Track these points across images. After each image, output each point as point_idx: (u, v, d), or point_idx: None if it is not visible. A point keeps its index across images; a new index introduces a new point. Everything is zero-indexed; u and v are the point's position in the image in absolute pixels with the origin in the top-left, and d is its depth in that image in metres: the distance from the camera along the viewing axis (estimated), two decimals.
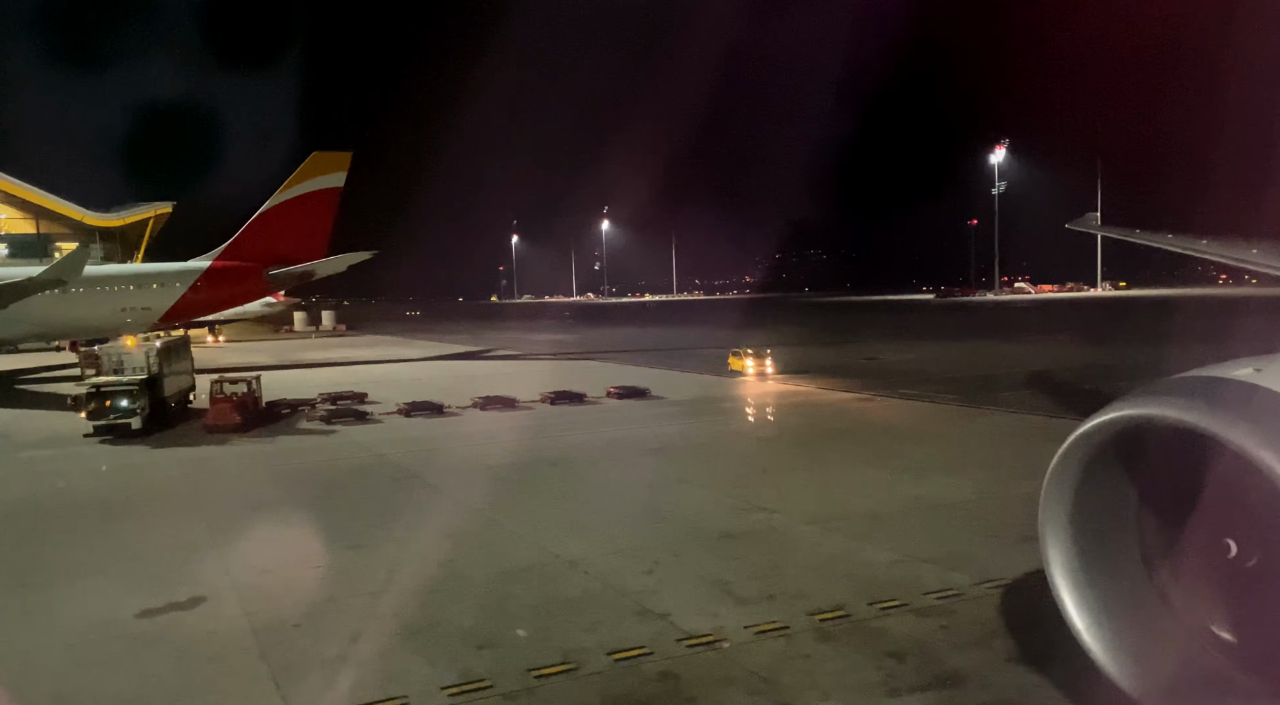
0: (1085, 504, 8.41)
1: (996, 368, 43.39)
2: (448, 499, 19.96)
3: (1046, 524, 8.55)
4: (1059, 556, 8.53)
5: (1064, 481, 8.40)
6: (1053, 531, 8.53)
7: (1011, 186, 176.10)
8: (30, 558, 16.03)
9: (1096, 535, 8.48)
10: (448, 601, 13.12)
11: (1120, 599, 8.40)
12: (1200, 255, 27.66)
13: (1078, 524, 8.46)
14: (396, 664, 10.98)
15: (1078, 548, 8.47)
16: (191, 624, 12.57)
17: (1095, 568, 8.46)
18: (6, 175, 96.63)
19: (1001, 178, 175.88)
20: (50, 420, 33.34)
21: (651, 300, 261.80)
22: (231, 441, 27.73)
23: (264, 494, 20.89)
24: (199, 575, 14.63)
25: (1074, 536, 8.47)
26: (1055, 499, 8.48)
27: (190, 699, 10.21)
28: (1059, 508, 8.48)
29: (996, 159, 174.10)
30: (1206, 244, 25.72)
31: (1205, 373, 7.90)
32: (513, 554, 15.41)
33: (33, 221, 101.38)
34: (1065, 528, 8.49)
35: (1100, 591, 8.40)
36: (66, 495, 21.39)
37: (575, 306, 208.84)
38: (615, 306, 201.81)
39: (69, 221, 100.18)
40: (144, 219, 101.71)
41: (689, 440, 26.21)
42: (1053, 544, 8.55)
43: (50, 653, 11.72)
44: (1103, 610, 8.35)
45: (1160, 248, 28.45)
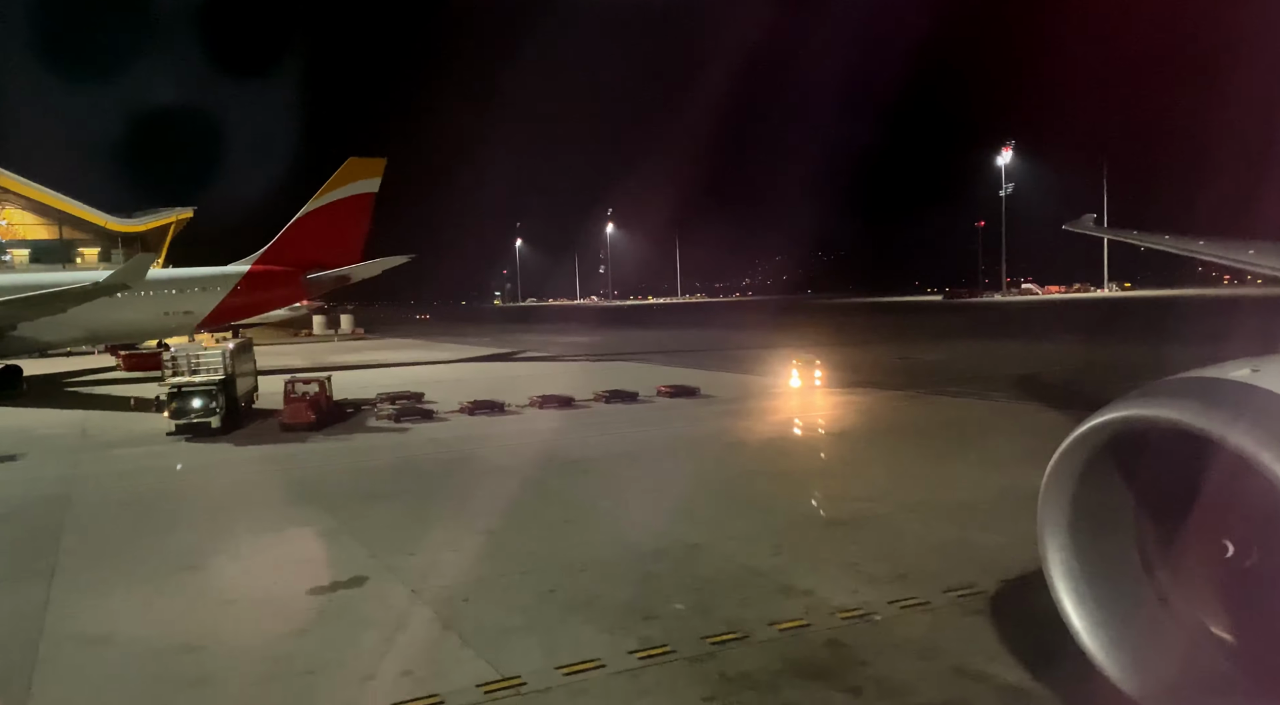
0: (1084, 505, 8.48)
1: (1031, 366, 44.34)
2: (545, 490, 20.86)
3: (1045, 526, 8.63)
4: (1058, 558, 8.60)
5: (1062, 483, 8.47)
6: (1051, 533, 8.61)
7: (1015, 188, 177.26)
8: (178, 544, 16.93)
9: (1095, 537, 8.54)
10: (595, 580, 14.03)
11: (1119, 600, 8.48)
12: (1197, 256, 27.90)
13: (1076, 525, 8.52)
14: (577, 632, 11.89)
15: (1077, 549, 8.55)
16: (365, 601, 13.49)
17: (1094, 569, 8.52)
18: (29, 181, 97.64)
19: (1007, 180, 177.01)
20: (120, 420, 34.26)
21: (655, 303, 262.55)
22: (311, 439, 28.63)
23: (369, 486, 21.77)
24: (346, 559, 15.54)
25: (1073, 538, 8.54)
26: (1054, 501, 8.55)
27: (402, 663, 11.09)
28: (1057, 509, 8.55)
29: (1004, 161, 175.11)
30: (1204, 245, 25.92)
31: (1203, 373, 7.98)
32: (635, 539, 16.32)
33: (54, 227, 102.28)
34: (1064, 529, 8.56)
35: (1099, 593, 8.47)
36: (181, 488, 22.32)
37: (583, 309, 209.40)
38: (622, 309, 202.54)
39: (91, 227, 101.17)
40: (165, 224, 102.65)
41: (755, 436, 27.13)
42: (1051, 545, 8.62)
43: (245, 625, 12.63)
44: (1102, 611, 8.42)
45: (1158, 249, 29.02)
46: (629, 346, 69.34)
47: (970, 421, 28.69)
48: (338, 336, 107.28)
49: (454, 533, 17.05)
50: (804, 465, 22.74)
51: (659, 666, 10.76)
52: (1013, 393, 33.66)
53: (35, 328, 46.74)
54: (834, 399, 34.67)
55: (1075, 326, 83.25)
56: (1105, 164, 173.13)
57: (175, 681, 10.79)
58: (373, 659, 11.29)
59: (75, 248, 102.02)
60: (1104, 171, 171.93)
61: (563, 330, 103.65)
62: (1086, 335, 69.04)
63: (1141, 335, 61.57)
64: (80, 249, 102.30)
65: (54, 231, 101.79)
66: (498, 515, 18.21)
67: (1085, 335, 69.09)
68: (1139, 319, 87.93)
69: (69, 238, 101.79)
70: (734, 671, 10.54)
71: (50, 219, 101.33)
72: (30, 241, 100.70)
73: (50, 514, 19.54)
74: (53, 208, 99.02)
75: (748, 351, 58.09)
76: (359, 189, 59.07)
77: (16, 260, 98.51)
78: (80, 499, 21.05)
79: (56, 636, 12.34)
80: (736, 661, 10.83)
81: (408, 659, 11.24)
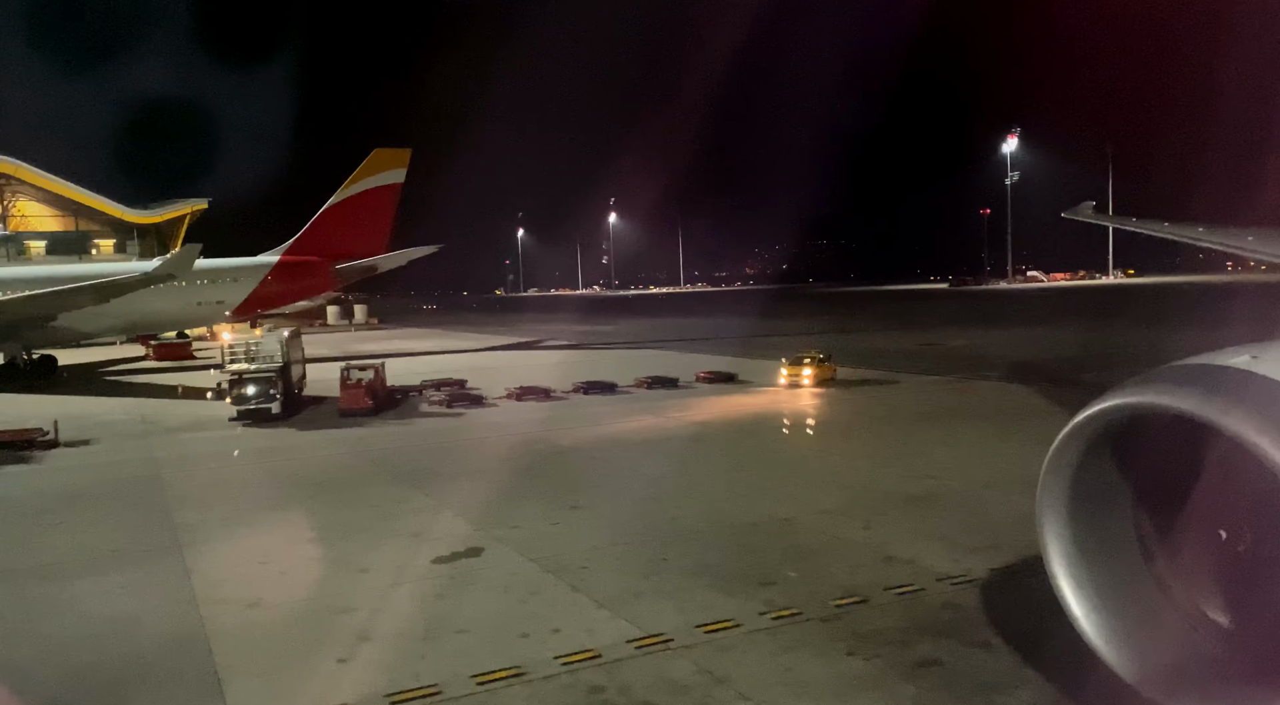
0: (1083, 493, 8.48)
1: (1059, 351, 45.14)
2: (617, 468, 21.67)
3: (1044, 513, 8.65)
4: (1057, 545, 8.61)
5: (1061, 470, 8.48)
6: (1051, 520, 8.62)
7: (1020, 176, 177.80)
8: (286, 520, 17.72)
9: (1094, 524, 8.55)
10: (700, 551, 14.82)
11: (1118, 587, 8.47)
12: (1197, 243, 27.45)
13: (1075, 513, 8.53)
14: (702, 596, 12.67)
15: (1075, 536, 8.55)
16: (488, 569, 14.26)
17: (1093, 556, 8.53)
18: (45, 172, 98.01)
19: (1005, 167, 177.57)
20: (174, 407, 35.06)
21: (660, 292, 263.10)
22: (372, 424, 29.40)
23: (445, 466, 22.53)
24: (453, 532, 16.31)
25: (1072, 525, 8.55)
26: (1053, 488, 8.56)
27: (548, 623, 11.86)
28: (1057, 497, 8.57)
29: (1009, 149, 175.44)
30: (1203, 231, 26.06)
31: (1202, 360, 7.95)
32: (724, 514, 17.11)
33: (65, 218, 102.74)
34: (1063, 516, 8.57)
35: (1098, 579, 8.48)
36: (265, 469, 23.06)
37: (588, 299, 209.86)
38: (627, 299, 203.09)
39: (106, 218, 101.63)
40: (180, 215, 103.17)
41: (806, 418, 27.93)
42: (1051, 532, 8.64)
43: (385, 591, 13.39)
44: (1100, 598, 8.43)
45: (1158, 236, 29.03)
46: (647, 335, 70.09)
47: (1015, 404, 29.48)
48: (353, 326, 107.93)
49: (544, 508, 17.80)
50: (864, 446, 23.52)
51: (794, 626, 11.54)
52: (1047, 377, 34.42)
53: (75, 318, 47.34)
54: (874, 383, 35.41)
55: (1089, 312, 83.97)
56: (1110, 151, 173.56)
57: (347, 638, 11.57)
58: (519, 619, 12.08)
59: (91, 239, 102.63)
60: (1109, 159, 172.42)
61: (576, 319, 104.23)
62: (1104, 321, 69.84)
63: (1158, 320, 62.25)
64: (96, 240, 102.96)
65: (66, 223, 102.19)
66: (579, 492, 19.02)
67: (1103, 321, 69.89)
68: (1151, 305, 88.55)
69: (85, 229, 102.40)
70: (865, 630, 11.33)
71: (66, 210, 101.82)
72: (47, 233, 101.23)
73: (150, 493, 20.33)
74: (69, 199, 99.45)
75: (764, 338, 58.83)
76: (385, 180, 59.67)
77: (33, 252, 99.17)
78: (171, 480, 21.82)
79: (211, 601, 13.12)
80: (865, 621, 11.61)
81: (551, 619, 12.02)
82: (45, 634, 12.20)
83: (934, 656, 10.51)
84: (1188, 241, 27.45)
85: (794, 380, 34.51)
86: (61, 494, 20.66)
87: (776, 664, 10.43)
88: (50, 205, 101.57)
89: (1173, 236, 27.53)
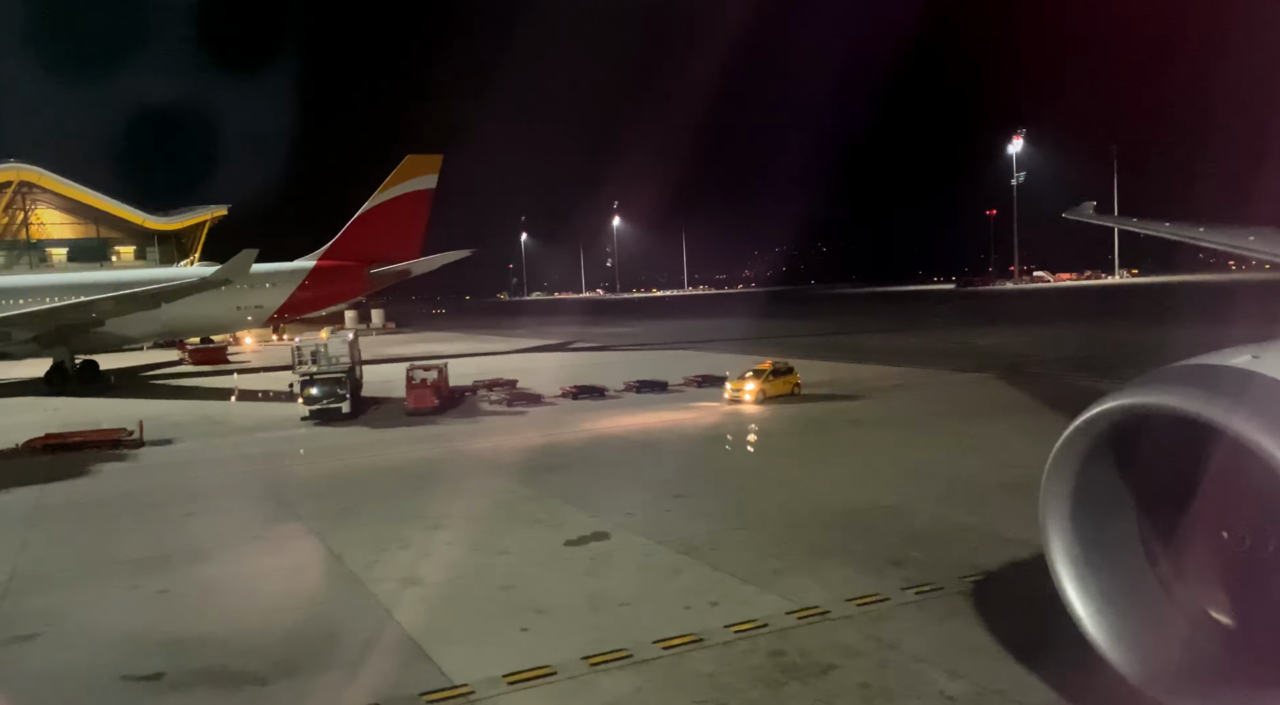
0: (1086, 493, 8.48)
1: (1091, 348, 45.97)
2: (702, 461, 22.46)
3: (1048, 514, 8.66)
4: (1060, 546, 8.62)
5: (1064, 471, 8.48)
6: (1054, 521, 8.63)
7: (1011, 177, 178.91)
8: (406, 508, 18.47)
9: (1097, 524, 8.53)
10: (820, 535, 15.61)
11: (1122, 587, 8.46)
12: (1197, 243, 27.52)
13: (1079, 513, 8.53)
14: (839, 574, 13.45)
15: (1079, 537, 8.55)
16: (622, 551, 15.07)
17: (1097, 556, 8.52)
18: (67, 180, 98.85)
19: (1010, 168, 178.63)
20: (238, 408, 35.88)
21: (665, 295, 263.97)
22: (441, 422, 30.20)
23: (532, 459, 23.19)
24: (573, 518, 17.09)
25: (1075, 525, 8.55)
26: (1056, 489, 8.57)
27: (701, 597, 12.65)
28: (1060, 498, 8.57)
29: (1015, 149, 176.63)
30: (1204, 231, 26.21)
31: (1203, 361, 7.97)
32: (828, 501, 17.89)
33: (86, 225, 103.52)
34: (1066, 517, 8.57)
35: (1102, 580, 8.47)
36: (364, 464, 23.69)
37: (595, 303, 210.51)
38: (634, 302, 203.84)
39: (127, 225, 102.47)
40: (199, 222, 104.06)
41: (869, 414, 28.72)
42: (1054, 533, 8.64)
43: (536, 569, 14.18)
44: (1104, 599, 8.42)
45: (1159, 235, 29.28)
46: (673, 336, 70.83)
47: (1068, 398, 30.26)
48: (371, 331, 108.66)
49: (648, 497, 18.52)
50: (938, 438, 24.33)
51: (939, 599, 12.34)
52: (1087, 372, 35.25)
53: (122, 323, 48.17)
54: (921, 380, 36.25)
55: (1105, 311, 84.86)
56: (1115, 152, 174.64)
57: (521, 610, 12.38)
58: (673, 594, 12.89)
59: (112, 246, 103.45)
60: (1114, 159, 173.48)
61: (593, 322, 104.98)
62: (1123, 319, 70.68)
63: (1173, 318, 63.03)
64: (116, 247, 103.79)
65: (83, 230, 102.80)
66: (675, 483, 19.78)
67: (1122, 319, 70.73)
68: (1161, 304, 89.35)
69: (105, 236, 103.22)
70: (1008, 601, 12.13)
71: (86, 218, 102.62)
72: (68, 240, 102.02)
73: (258, 486, 21.21)
74: (91, 206, 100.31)
75: (796, 339, 59.67)
76: (417, 185, 60.52)
77: (55, 259, 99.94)
78: (272, 474, 22.65)
79: (372, 580, 13.92)
80: (994, 598, 12.36)
81: (703, 594, 12.82)
82: (230, 609, 13.00)
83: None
84: (1189, 241, 27.73)
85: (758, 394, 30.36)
86: (176, 488, 21.47)
87: (938, 631, 11.22)
88: (71, 213, 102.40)
89: (1174, 236, 27.92)
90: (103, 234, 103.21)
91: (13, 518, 19.03)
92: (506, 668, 10.55)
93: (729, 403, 30.58)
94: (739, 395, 30.56)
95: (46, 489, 21.65)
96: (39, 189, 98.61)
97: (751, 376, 30.85)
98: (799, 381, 32.06)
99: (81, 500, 20.73)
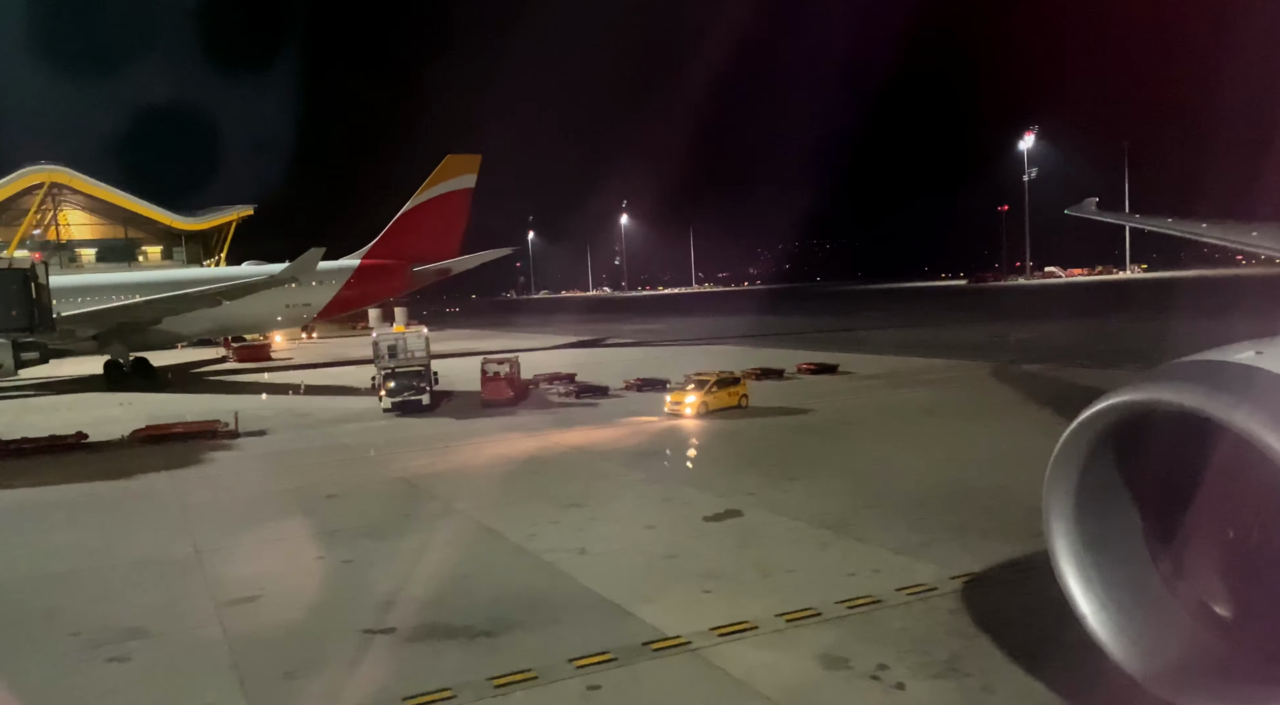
0: (1089, 490, 8.50)
1: (1122, 341, 46.83)
2: (799, 446, 23.40)
3: (1051, 510, 8.69)
4: (1064, 543, 8.63)
5: (1068, 468, 8.50)
6: (1057, 518, 8.65)
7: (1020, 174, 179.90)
8: (537, 491, 19.41)
9: (1101, 521, 8.57)
10: (947, 511, 16.32)
11: (1125, 584, 8.48)
12: (1201, 238, 28.03)
13: (1082, 510, 8.54)
14: (985, 545, 14.28)
15: (1082, 534, 8.55)
16: (762, 525, 16.01)
17: (1100, 554, 8.54)
18: (96, 181, 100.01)
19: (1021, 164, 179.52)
20: (311, 402, 36.88)
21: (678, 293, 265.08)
22: (519, 413, 31.21)
23: (626, 446, 24.14)
24: (698, 498, 18.01)
25: (1079, 523, 8.55)
26: (1059, 486, 8.59)
27: (859, 565, 13.60)
28: (1063, 495, 8.59)
29: (1026, 146, 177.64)
30: (1207, 227, 26.24)
31: (1207, 356, 8.00)
32: (943, 483, 18.64)
33: (113, 226, 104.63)
34: (1070, 514, 8.58)
35: (1105, 577, 8.49)
36: (467, 454, 24.47)
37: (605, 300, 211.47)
38: (645, 299, 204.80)
39: (154, 225, 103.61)
40: (226, 221, 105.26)
41: (941, 404, 29.64)
42: (1058, 531, 8.67)
43: (687, 541, 15.15)
44: (1108, 596, 8.44)
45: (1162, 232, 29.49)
46: (698, 332, 71.83)
47: None
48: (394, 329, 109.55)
49: (762, 479, 19.43)
50: (1019, 426, 25.25)
51: None
52: (1133, 363, 36.19)
53: (177, 321, 49.27)
54: (970, 372, 37.19)
55: (1133, 305, 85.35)
56: (1126, 148, 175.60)
57: (693, 576, 13.36)
58: (832, 562, 13.86)
59: (139, 246, 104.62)
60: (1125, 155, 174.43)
61: (614, 319, 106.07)
62: (1152, 312, 71.45)
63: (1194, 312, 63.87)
64: (144, 247, 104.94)
65: (109, 230, 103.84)
66: (781, 466, 20.67)
67: (1151, 312, 71.50)
68: (1180, 298, 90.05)
69: (132, 236, 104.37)
70: None
71: (114, 218, 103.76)
72: (96, 240, 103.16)
73: (380, 471, 22.14)
74: (119, 207, 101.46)
75: (828, 334, 60.63)
76: (458, 184, 61.58)
77: (84, 259, 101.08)
78: (385, 462, 23.57)
79: (540, 550, 14.90)
80: None
81: (861, 562, 13.77)
82: (418, 577, 13.95)
83: None
84: (1193, 237, 28.03)
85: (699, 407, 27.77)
86: (298, 473, 22.48)
87: None
88: (98, 214, 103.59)
89: (1177, 232, 28.26)
90: (130, 234, 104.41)
91: (164, 498, 20.15)
92: (708, 623, 11.53)
93: (668, 417, 27.80)
94: (679, 409, 27.89)
95: (175, 474, 22.72)
96: (69, 190, 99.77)
97: (694, 388, 28.48)
98: (746, 392, 29.62)
99: (219, 482, 21.81)
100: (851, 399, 31.47)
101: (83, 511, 19.57)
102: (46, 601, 13.67)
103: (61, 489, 21.86)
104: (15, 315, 28.59)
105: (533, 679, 10.21)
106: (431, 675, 10.36)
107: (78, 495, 21.18)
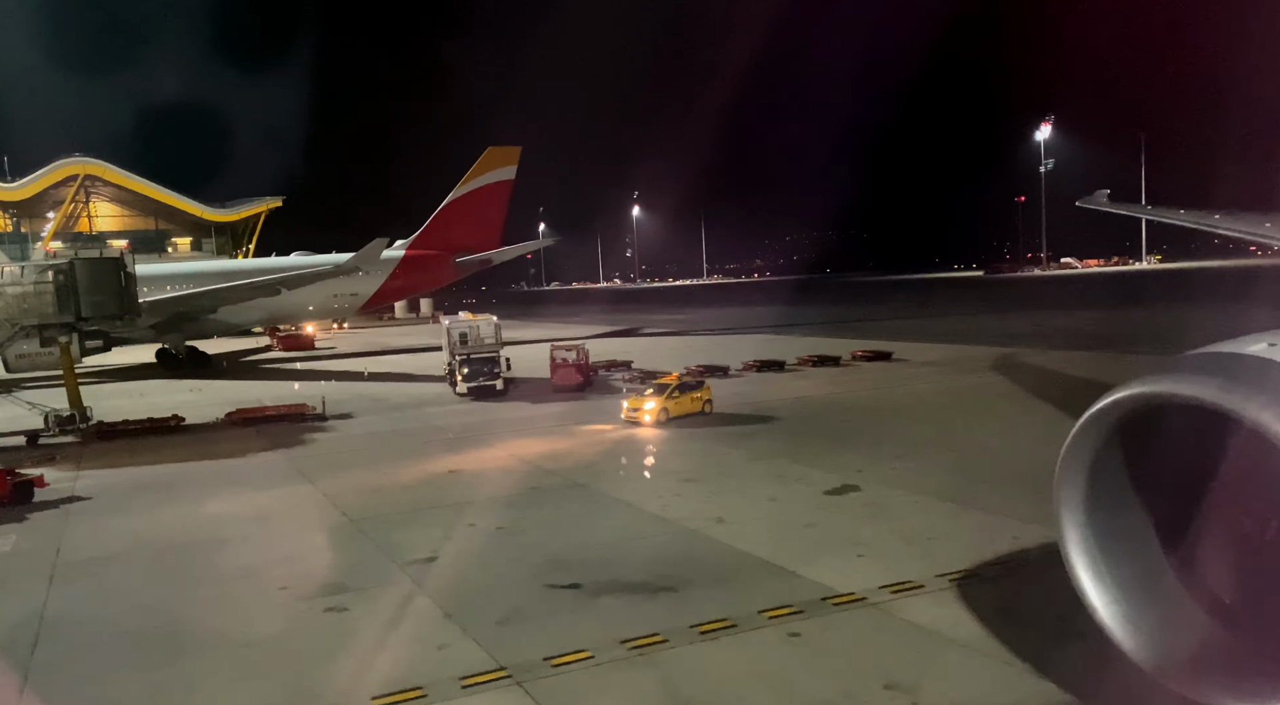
0: (1101, 482, 8.42)
1: (1159, 329, 47.14)
2: (879, 427, 24.17)
3: (1062, 503, 8.60)
4: (1075, 535, 8.57)
5: (1079, 460, 8.43)
6: (1069, 509, 8.58)
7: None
8: (648, 466, 20.29)
9: (1112, 513, 8.47)
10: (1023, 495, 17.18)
11: (1136, 576, 8.40)
12: (1214, 230, 27.57)
13: (1093, 502, 8.47)
14: None
15: (1093, 526, 8.49)
16: (884, 499, 16.79)
17: (1111, 545, 8.47)
18: (129, 173, 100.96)
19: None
20: (380, 388, 37.79)
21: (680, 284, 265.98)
22: (590, 398, 32.00)
23: (715, 428, 24.81)
24: (808, 474, 18.81)
25: (1090, 514, 8.49)
26: (1071, 478, 8.51)
27: (998, 533, 14.36)
28: (1075, 487, 8.52)
29: (1042, 136, 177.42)
30: (1219, 219, 26.23)
31: (1220, 349, 7.96)
32: (1038, 461, 19.26)
33: (143, 217, 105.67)
34: (1081, 506, 8.52)
35: (1116, 569, 8.42)
36: (557, 434, 25.27)
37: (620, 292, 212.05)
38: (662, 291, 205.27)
39: (184, 216, 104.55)
40: (256, 213, 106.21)
41: (1011, 389, 30.35)
42: (1069, 522, 8.60)
43: (802, 516, 15.96)
44: (1119, 588, 8.37)
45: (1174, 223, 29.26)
46: (730, 322, 72.49)
47: None
48: (419, 319, 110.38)
49: (865, 459, 20.04)
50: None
51: None
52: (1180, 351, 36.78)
53: (232, 311, 50.21)
54: (1024, 360, 37.83)
55: (1157, 294, 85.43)
56: (1143, 139, 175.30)
57: (840, 542, 14.20)
58: (967, 530, 14.65)
59: (170, 237, 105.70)
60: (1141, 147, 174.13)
61: (639, 310, 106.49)
62: (1181, 302, 71.83)
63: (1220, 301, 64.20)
64: (174, 239, 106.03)
65: (138, 222, 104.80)
66: (878, 447, 21.36)
67: (1180, 302, 71.88)
68: (1199, 288, 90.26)
69: (162, 227, 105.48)
70: None
71: (145, 210, 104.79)
72: (127, 231, 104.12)
73: (490, 452, 22.99)
74: (151, 199, 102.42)
75: (862, 323, 61.21)
76: (498, 176, 62.32)
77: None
78: (489, 440, 24.34)
79: (679, 518, 15.80)
80: None
81: (996, 530, 14.50)
82: (574, 541, 14.78)
83: None
84: (1206, 229, 28.03)
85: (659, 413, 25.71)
86: (403, 452, 23.34)
87: None
88: (129, 205, 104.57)
89: (1189, 224, 28.21)
90: (160, 226, 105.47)
91: (288, 474, 21.07)
92: (875, 582, 12.33)
93: (626, 425, 25.85)
94: (637, 416, 25.86)
95: (287, 453, 23.64)
96: (101, 182, 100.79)
97: (652, 394, 26.60)
98: (710, 397, 27.35)
99: (333, 459, 22.68)
100: (918, 384, 32.16)
101: (217, 485, 20.49)
102: (236, 562, 14.58)
103: (184, 466, 22.88)
104: (108, 302, 29.43)
105: (732, 626, 11.05)
106: (637, 623, 11.21)
107: (201, 472, 22.17)
